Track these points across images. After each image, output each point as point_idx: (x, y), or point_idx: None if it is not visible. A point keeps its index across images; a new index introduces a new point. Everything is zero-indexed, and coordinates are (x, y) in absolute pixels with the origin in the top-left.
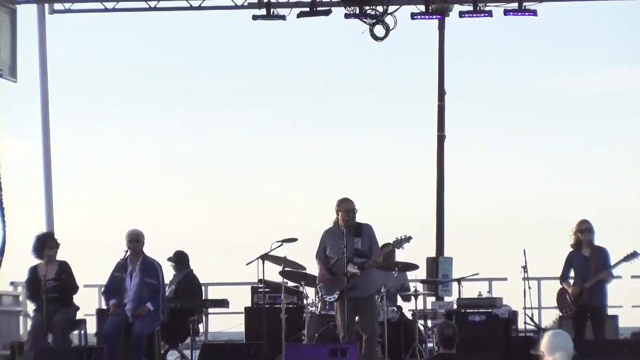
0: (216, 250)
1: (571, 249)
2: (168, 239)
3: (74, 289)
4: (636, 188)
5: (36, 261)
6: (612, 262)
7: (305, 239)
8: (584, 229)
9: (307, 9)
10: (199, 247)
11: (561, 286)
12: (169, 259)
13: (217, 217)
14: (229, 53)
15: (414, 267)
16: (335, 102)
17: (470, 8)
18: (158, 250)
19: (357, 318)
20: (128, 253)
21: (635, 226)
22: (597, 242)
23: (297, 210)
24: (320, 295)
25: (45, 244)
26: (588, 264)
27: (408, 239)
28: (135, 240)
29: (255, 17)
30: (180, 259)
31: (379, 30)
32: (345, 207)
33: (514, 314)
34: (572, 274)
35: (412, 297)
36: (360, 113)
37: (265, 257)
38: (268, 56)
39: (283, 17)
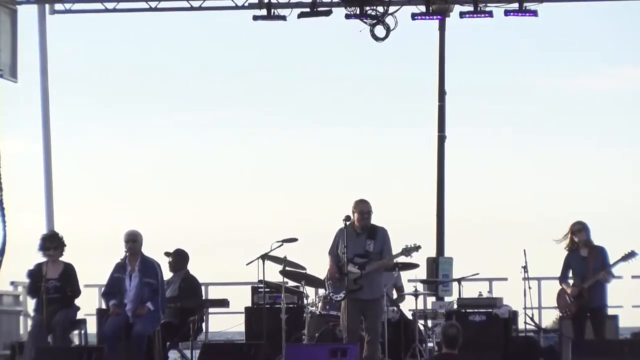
0: (216, 250)
1: (567, 252)
2: (168, 239)
3: (76, 293)
4: (636, 188)
5: (42, 259)
6: (611, 262)
7: (305, 239)
8: (577, 230)
9: (308, 10)
10: (199, 247)
11: (560, 287)
12: (167, 254)
13: (218, 217)
14: (229, 53)
15: (414, 266)
16: (335, 102)
17: (471, 8)
18: (158, 250)
19: (362, 319)
20: (127, 254)
21: (635, 226)
22: (597, 241)
23: (297, 210)
24: (327, 292)
25: (46, 244)
26: (586, 264)
27: (417, 248)
28: (132, 240)
29: (255, 18)
30: (181, 258)
31: (380, 30)
32: (361, 208)
33: (514, 314)
34: (571, 274)
35: (406, 297)
36: (360, 113)
37: (265, 257)
38: (268, 56)
39: (283, 18)
